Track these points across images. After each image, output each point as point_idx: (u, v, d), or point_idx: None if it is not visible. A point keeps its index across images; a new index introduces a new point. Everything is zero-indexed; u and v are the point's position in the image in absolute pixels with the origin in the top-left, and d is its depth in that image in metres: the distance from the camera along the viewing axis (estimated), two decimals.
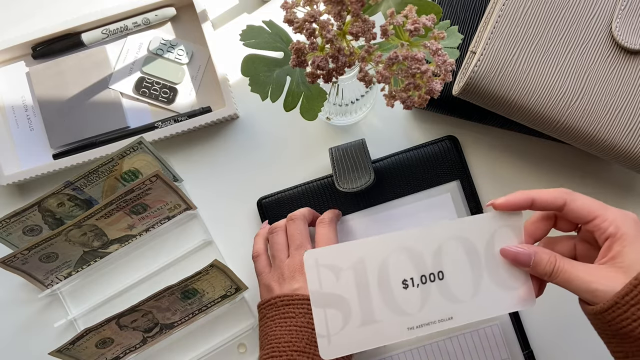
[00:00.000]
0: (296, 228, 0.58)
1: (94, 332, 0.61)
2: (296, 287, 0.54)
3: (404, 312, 0.44)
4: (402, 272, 0.44)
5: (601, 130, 0.55)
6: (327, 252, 0.43)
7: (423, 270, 0.44)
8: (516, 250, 0.46)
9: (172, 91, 0.67)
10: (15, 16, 0.70)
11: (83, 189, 0.61)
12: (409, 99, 0.45)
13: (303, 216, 0.59)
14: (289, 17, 0.44)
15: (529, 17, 0.53)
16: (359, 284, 0.43)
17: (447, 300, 0.45)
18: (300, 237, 0.57)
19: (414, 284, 0.44)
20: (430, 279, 0.45)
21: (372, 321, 0.44)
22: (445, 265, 0.45)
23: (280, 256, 0.58)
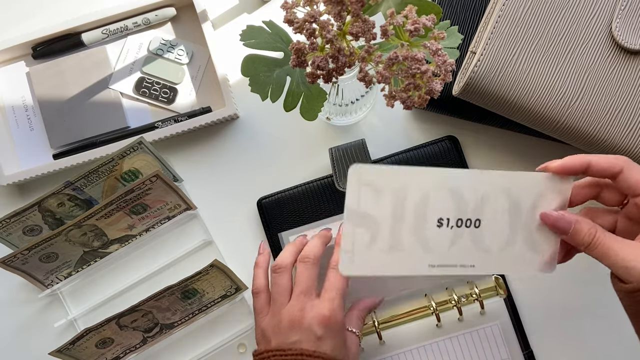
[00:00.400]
0: (305, 271, 0.54)
1: (94, 332, 0.61)
2: (292, 341, 0.51)
3: (431, 248, 0.43)
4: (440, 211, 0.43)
5: (601, 130, 0.55)
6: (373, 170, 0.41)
7: (462, 214, 0.43)
8: (557, 215, 0.44)
9: (172, 91, 0.67)
10: (15, 16, 0.70)
11: (83, 189, 0.61)
12: (409, 99, 0.45)
13: (316, 259, 0.55)
14: (289, 17, 0.44)
15: (529, 17, 0.53)
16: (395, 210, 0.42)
17: (476, 248, 0.44)
18: (306, 283, 0.54)
19: (449, 224, 0.43)
20: (466, 224, 0.44)
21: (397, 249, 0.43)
22: (485, 215, 0.44)
23: (281, 300, 0.54)
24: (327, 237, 0.58)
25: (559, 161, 0.44)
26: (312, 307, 0.52)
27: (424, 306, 0.59)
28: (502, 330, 0.61)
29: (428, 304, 0.59)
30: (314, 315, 0.52)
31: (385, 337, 0.61)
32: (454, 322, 0.61)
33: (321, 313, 0.52)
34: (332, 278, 0.54)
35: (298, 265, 0.55)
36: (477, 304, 0.59)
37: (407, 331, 0.61)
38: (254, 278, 0.57)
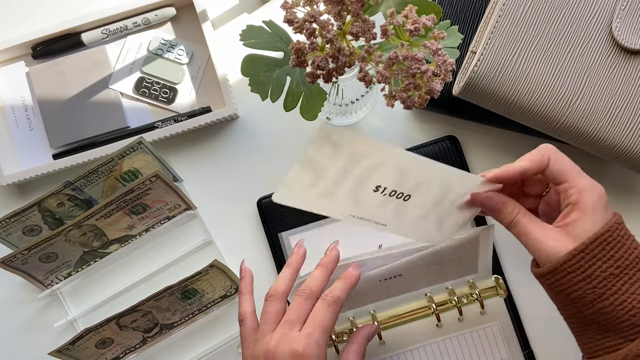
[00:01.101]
0: (297, 304, 0.51)
1: (94, 332, 0.61)
2: None
3: (359, 204, 0.47)
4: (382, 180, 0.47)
5: (601, 130, 0.55)
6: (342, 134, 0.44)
7: (399, 188, 0.47)
8: (486, 195, 0.48)
9: (172, 91, 0.67)
10: (15, 16, 0.70)
11: (83, 189, 0.61)
12: (409, 99, 0.45)
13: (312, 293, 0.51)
14: (289, 17, 0.44)
15: (529, 17, 0.53)
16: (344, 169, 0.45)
17: (394, 215, 0.49)
18: (295, 313, 0.50)
19: (383, 192, 0.47)
20: (397, 196, 0.48)
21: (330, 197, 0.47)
22: (416, 194, 0.48)
23: (265, 328, 0.51)
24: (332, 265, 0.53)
25: (495, 171, 0.48)
26: (288, 340, 0.48)
27: (424, 306, 0.59)
28: (502, 330, 0.61)
29: (428, 304, 0.59)
30: (287, 349, 0.48)
31: (385, 337, 0.61)
32: (454, 322, 0.61)
33: (294, 348, 0.48)
34: (317, 310, 0.50)
35: (294, 297, 0.52)
36: (477, 304, 0.59)
37: (407, 331, 0.61)
38: (239, 305, 0.55)
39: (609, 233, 0.45)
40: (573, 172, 0.47)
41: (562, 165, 0.47)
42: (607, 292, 0.44)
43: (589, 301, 0.45)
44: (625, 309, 0.44)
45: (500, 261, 0.64)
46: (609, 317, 0.44)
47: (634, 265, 0.45)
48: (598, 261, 0.44)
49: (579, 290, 0.45)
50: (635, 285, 0.44)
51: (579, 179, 0.46)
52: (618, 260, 0.44)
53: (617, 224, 0.45)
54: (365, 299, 0.60)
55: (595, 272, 0.44)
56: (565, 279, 0.45)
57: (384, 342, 0.61)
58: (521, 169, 0.47)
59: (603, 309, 0.44)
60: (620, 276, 0.44)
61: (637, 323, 0.44)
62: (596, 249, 0.44)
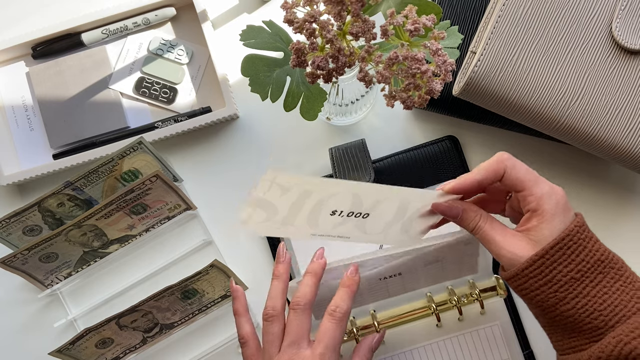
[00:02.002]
0: (295, 320, 0.50)
1: (94, 332, 0.61)
2: None
3: (317, 226, 0.48)
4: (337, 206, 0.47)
5: (601, 130, 0.55)
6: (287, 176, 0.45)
7: (356, 209, 0.48)
8: (447, 205, 0.49)
9: (172, 91, 0.67)
10: (15, 16, 0.70)
11: (83, 189, 0.61)
12: (409, 99, 0.45)
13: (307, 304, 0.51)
14: (289, 17, 0.44)
15: (529, 17, 0.53)
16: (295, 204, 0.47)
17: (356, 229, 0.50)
18: (296, 333, 0.50)
19: (340, 214, 0.48)
20: (355, 215, 0.48)
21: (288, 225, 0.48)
22: (374, 212, 0.48)
23: (270, 350, 0.50)
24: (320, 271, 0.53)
25: (452, 183, 0.49)
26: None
27: (424, 306, 0.59)
28: (502, 330, 0.61)
29: (428, 304, 0.59)
30: None
31: (385, 337, 0.61)
32: (454, 322, 0.61)
33: None
34: (325, 328, 0.50)
35: (289, 311, 0.51)
36: (477, 304, 0.59)
37: (407, 331, 0.61)
38: (237, 327, 0.54)
39: (569, 237, 0.45)
40: (530, 179, 0.47)
41: (518, 174, 0.47)
42: (568, 296, 0.44)
43: (552, 305, 0.45)
44: (586, 312, 0.44)
45: None
46: (572, 320, 0.45)
47: (595, 268, 0.45)
48: (559, 265, 0.44)
49: (541, 295, 0.45)
50: (596, 288, 0.44)
51: (536, 186, 0.46)
52: (579, 264, 0.45)
53: (578, 227, 0.45)
54: (365, 299, 0.60)
55: (556, 276, 0.44)
56: (527, 283, 0.45)
57: (384, 342, 0.61)
58: (476, 180, 0.47)
59: (565, 312, 0.45)
60: (581, 280, 0.44)
61: (599, 326, 0.44)
62: (556, 254, 0.44)
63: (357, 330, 0.58)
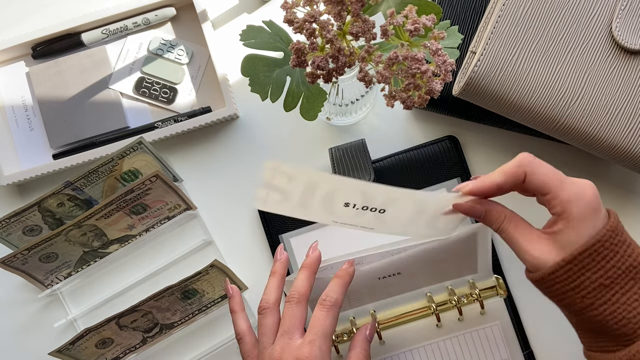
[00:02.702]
0: (289, 311, 0.51)
1: (94, 332, 0.61)
2: None
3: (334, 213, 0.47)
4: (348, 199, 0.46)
5: (601, 130, 0.55)
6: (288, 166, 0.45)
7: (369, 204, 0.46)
8: (469, 205, 0.47)
9: (172, 91, 0.67)
10: (15, 16, 0.70)
11: (83, 189, 0.61)
12: (409, 99, 0.45)
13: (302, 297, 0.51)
14: (289, 17, 0.44)
15: (529, 17, 0.53)
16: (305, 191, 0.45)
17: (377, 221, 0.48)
18: (290, 322, 0.50)
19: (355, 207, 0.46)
20: (371, 209, 0.47)
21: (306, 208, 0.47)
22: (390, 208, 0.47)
23: (264, 341, 0.51)
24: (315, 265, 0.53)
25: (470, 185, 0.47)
26: (292, 349, 0.49)
27: (424, 306, 0.59)
28: (502, 330, 0.61)
29: (428, 304, 0.59)
30: (292, 358, 0.48)
31: (385, 337, 0.61)
32: (454, 322, 0.61)
33: (299, 357, 0.48)
34: (315, 316, 0.50)
35: (284, 304, 0.52)
36: (477, 304, 0.59)
37: (407, 331, 0.61)
38: (234, 324, 0.55)
39: (599, 244, 0.43)
40: (554, 182, 0.44)
41: (540, 178, 0.45)
42: (596, 303, 0.43)
43: (579, 309, 0.44)
44: (615, 319, 0.43)
45: (500, 261, 0.64)
46: (600, 325, 0.44)
47: (627, 274, 0.43)
48: (587, 272, 0.43)
49: (568, 299, 0.44)
50: (626, 295, 0.43)
51: (561, 189, 0.44)
52: (609, 270, 0.43)
53: (610, 231, 0.43)
54: (365, 299, 0.60)
55: (584, 282, 0.43)
56: (554, 287, 0.44)
57: (384, 342, 0.61)
58: (497, 183, 0.46)
59: (594, 317, 0.44)
60: (610, 286, 0.43)
61: (627, 333, 0.43)
62: (584, 260, 0.43)
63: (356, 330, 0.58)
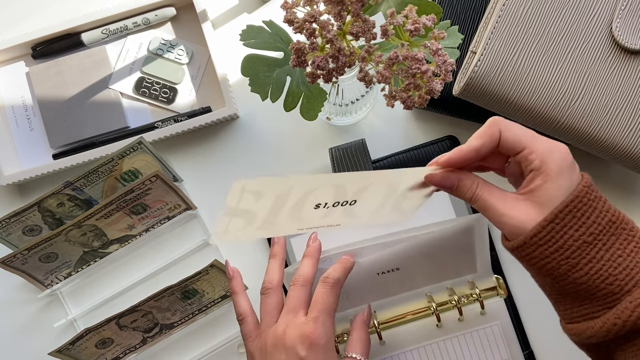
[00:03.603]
0: (294, 292, 0.52)
1: (94, 332, 0.61)
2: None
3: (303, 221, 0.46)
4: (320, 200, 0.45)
5: (601, 130, 0.55)
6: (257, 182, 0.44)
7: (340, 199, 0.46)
8: (442, 175, 0.46)
9: (172, 91, 0.67)
10: (15, 16, 0.70)
11: (83, 189, 0.61)
12: (409, 99, 0.45)
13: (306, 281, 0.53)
14: (289, 17, 0.44)
15: (529, 17, 0.53)
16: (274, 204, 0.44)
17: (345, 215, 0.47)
18: (294, 301, 0.52)
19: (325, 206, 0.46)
20: (342, 204, 0.46)
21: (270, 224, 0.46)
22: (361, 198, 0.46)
23: (267, 320, 0.52)
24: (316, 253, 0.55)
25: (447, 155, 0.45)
26: (296, 325, 0.50)
27: (425, 306, 0.59)
28: (503, 330, 0.61)
29: (428, 304, 0.59)
30: (296, 334, 0.49)
31: (385, 337, 0.61)
32: (454, 322, 0.61)
33: (303, 332, 0.49)
34: (318, 293, 0.52)
35: (290, 285, 0.53)
36: (478, 304, 0.59)
37: (407, 331, 0.61)
38: (235, 305, 0.55)
39: (578, 199, 0.42)
40: (527, 136, 0.43)
41: (514, 133, 0.43)
42: (581, 262, 0.42)
43: (563, 272, 0.42)
44: (601, 277, 0.42)
45: (500, 261, 0.64)
46: (585, 287, 0.42)
47: (607, 229, 0.42)
48: (570, 230, 0.41)
49: (552, 262, 0.42)
50: (609, 251, 0.42)
51: (536, 142, 0.43)
52: (590, 226, 0.42)
53: (587, 187, 0.42)
54: (365, 298, 0.60)
55: (567, 242, 0.41)
56: (536, 252, 0.42)
57: (384, 342, 0.61)
58: (474, 147, 0.44)
59: (578, 279, 0.42)
60: (594, 243, 0.42)
61: (614, 291, 0.42)
62: (566, 217, 0.41)
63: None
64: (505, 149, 0.44)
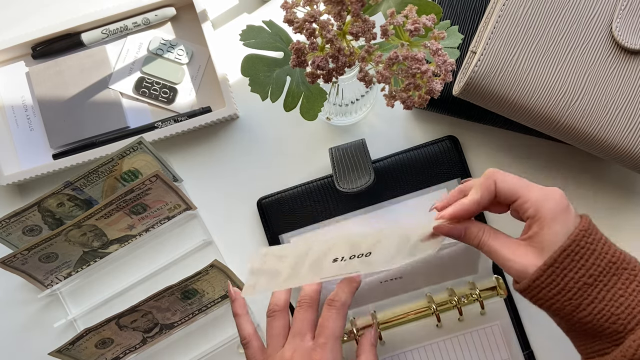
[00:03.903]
0: (300, 314, 0.52)
1: (94, 332, 0.61)
2: None
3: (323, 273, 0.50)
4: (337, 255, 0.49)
5: (601, 130, 0.55)
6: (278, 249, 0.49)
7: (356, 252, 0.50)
8: (448, 227, 0.49)
9: (172, 91, 0.67)
10: (15, 16, 0.70)
11: (83, 189, 0.61)
12: (409, 99, 0.45)
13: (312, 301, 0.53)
14: (289, 17, 0.44)
15: (529, 17, 0.53)
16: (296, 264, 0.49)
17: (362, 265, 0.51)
18: (301, 324, 0.51)
19: (342, 259, 0.50)
20: (357, 256, 0.50)
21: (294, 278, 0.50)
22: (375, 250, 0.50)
23: (273, 344, 0.52)
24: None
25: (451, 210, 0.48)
26: (304, 351, 0.50)
27: (425, 306, 0.59)
28: (503, 330, 0.61)
29: (428, 304, 0.59)
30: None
31: (385, 337, 0.61)
32: (454, 322, 0.61)
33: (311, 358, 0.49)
34: (325, 317, 0.51)
35: (295, 309, 0.53)
36: (478, 304, 0.59)
37: (407, 331, 0.61)
38: (238, 328, 0.55)
39: (575, 243, 0.44)
40: (521, 186, 0.46)
41: (509, 184, 0.46)
42: (583, 303, 0.44)
43: (569, 312, 0.45)
44: (604, 317, 0.44)
45: None
46: (590, 326, 0.44)
47: (608, 270, 0.44)
48: (569, 272, 0.44)
49: (556, 303, 0.45)
50: (611, 291, 0.44)
51: (529, 191, 0.46)
52: (590, 268, 0.44)
53: (583, 230, 0.45)
54: (365, 299, 0.60)
55: (568, 284, 0.44)
56: (541, 294, 0.45)
57: (384, 342, 0.61)
58: (476, 202, 0.47)
59: (583, 318, 0.44)
60: (594, 284, 0.44)
61: (618, 330, 0.44)
62: (565, 261, 0.44)
63: (357, 331, 0.58)
64: (502, 198, 0.47)
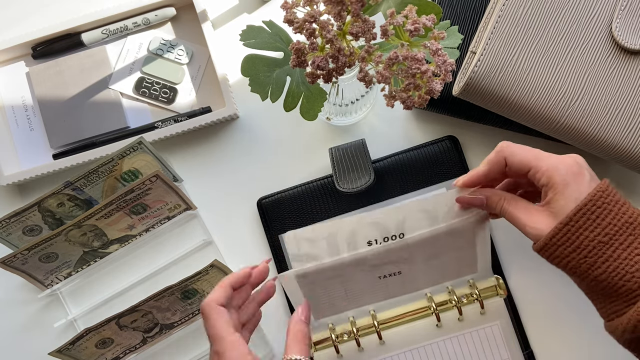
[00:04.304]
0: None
1: (94, 332, 0.61)
2: None
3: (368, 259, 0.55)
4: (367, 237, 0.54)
5: (601, 130, 0.55)
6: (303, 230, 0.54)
7: (387, 234, 0.54)
8: (470, 197, 0.53)
9: (172, 91, 0.67)
10: (15, 16, 0.70)
11: (83, 189, 0.61)
12: (409, 99, 0.45)
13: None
14: (289, 17, 0.44)
15: (529, 17, 0.53)
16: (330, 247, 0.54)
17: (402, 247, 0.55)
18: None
19: (377, 242, 0.54)
20: (392, 238, 0.54)
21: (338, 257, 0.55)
22: (407, 229, 0.54)
23: None
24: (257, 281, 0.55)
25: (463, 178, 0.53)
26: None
27: (424, 306, 0.59)
28: (502, 330, 0.61)
29: (428, 304, 0.59)
30: None
31: (385, 337, 0.61)
32: (454, 322, 0.61)
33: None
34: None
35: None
36: (477, 304, 0.59)
37: (407, 331, 0.61)
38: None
39: (591, 203, 0.45)
40: (532, 157, 0.48)
41: (519, 157, 0.48)
42: (598, 261, 0.45)
43: (584, 270, 0.46)
44: (618, 275, 0.45)
45: (500, 261, 0.64)
46: (605, 284, 0.45)
47: (624, 230, 0.45)
48: (585, 231, 0.45)
49: (572, 261, 0.46)
50: (627, 250, 0.45)
51: (540, 160, 0.48)
52: (605, 227, 0.45)
53: (600, 192, 0.46)
54: (365, 299, 0.60)
55: (584, 242, 0.45)
56: (557, 252, 0.46)
57: (384, 342, 0.61)
58: (482, 173, 0.51)
59: (598, 276, 0.45)
60: (610, 243, 0.45)
61: (632, 288, 0.44)
62: (580, 220, 0.45)
63: (357, 331, 0.58)
64: (514, 172, 0.50)
